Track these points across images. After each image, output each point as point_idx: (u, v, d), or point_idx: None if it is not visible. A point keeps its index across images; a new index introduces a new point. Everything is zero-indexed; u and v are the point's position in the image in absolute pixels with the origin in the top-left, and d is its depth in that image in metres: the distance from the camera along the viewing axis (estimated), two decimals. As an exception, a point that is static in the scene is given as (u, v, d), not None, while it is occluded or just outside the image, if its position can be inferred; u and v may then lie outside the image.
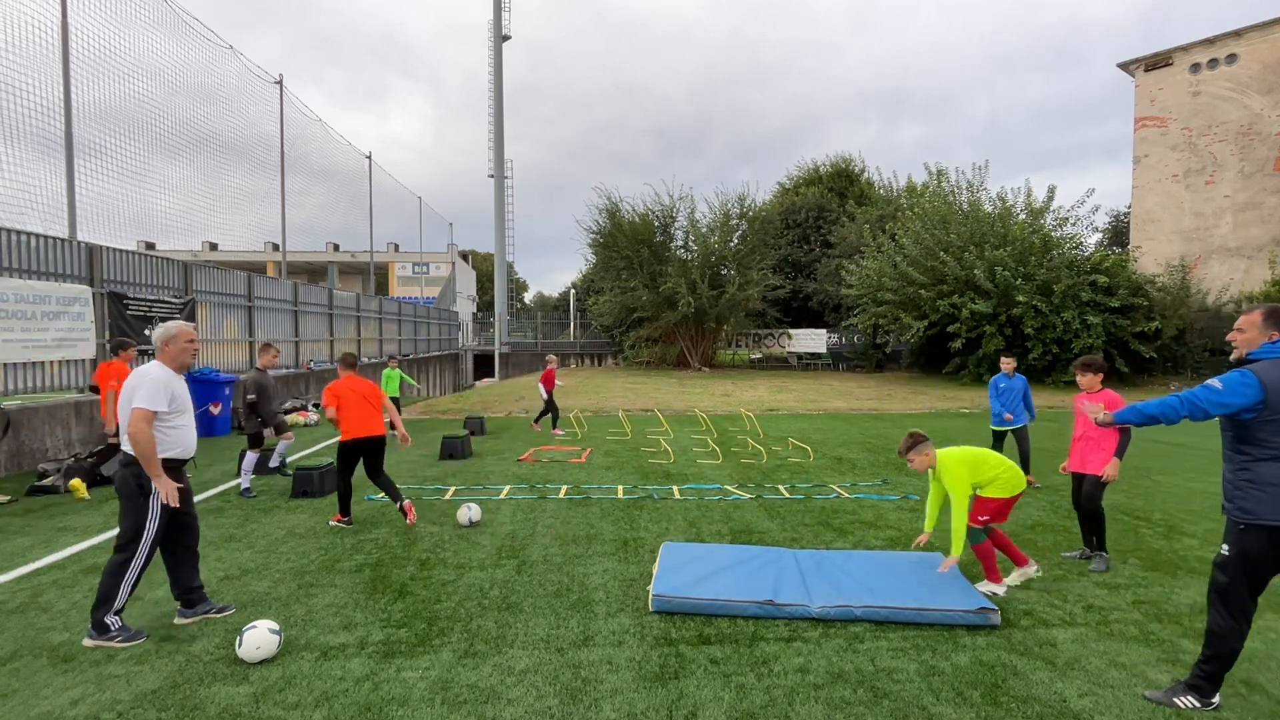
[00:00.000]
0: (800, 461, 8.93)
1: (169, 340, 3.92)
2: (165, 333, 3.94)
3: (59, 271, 9.27)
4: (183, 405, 3.89)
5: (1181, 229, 24.44)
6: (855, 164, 37.92)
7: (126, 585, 3.68)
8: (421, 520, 6.07)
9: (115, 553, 3.71)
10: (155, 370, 3.79)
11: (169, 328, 3.95)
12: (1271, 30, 22.47)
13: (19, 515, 6.24)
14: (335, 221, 23.43)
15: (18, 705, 3.04)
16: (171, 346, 3.91)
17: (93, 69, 10.18)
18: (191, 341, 4.01)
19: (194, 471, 7.98)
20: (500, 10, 34.91)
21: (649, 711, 2.98)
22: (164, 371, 3.82)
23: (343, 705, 3.02)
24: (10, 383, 8.53)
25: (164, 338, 3.93)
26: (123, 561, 3.67)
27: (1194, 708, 2.98)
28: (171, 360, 3.91)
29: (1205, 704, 2.99)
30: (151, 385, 3.71)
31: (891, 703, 3.05)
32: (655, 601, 4.04)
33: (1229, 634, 2.96)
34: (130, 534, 3.68)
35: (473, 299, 51.06)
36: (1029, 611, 4.05)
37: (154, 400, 3.68)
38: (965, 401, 16.79)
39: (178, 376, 3.92)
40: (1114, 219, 38.54)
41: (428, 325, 29.10)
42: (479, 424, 11.58)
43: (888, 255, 23.54)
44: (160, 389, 3.72)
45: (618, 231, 28.87)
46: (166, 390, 3.75)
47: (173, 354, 3.92)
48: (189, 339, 3.98)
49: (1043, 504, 6.65)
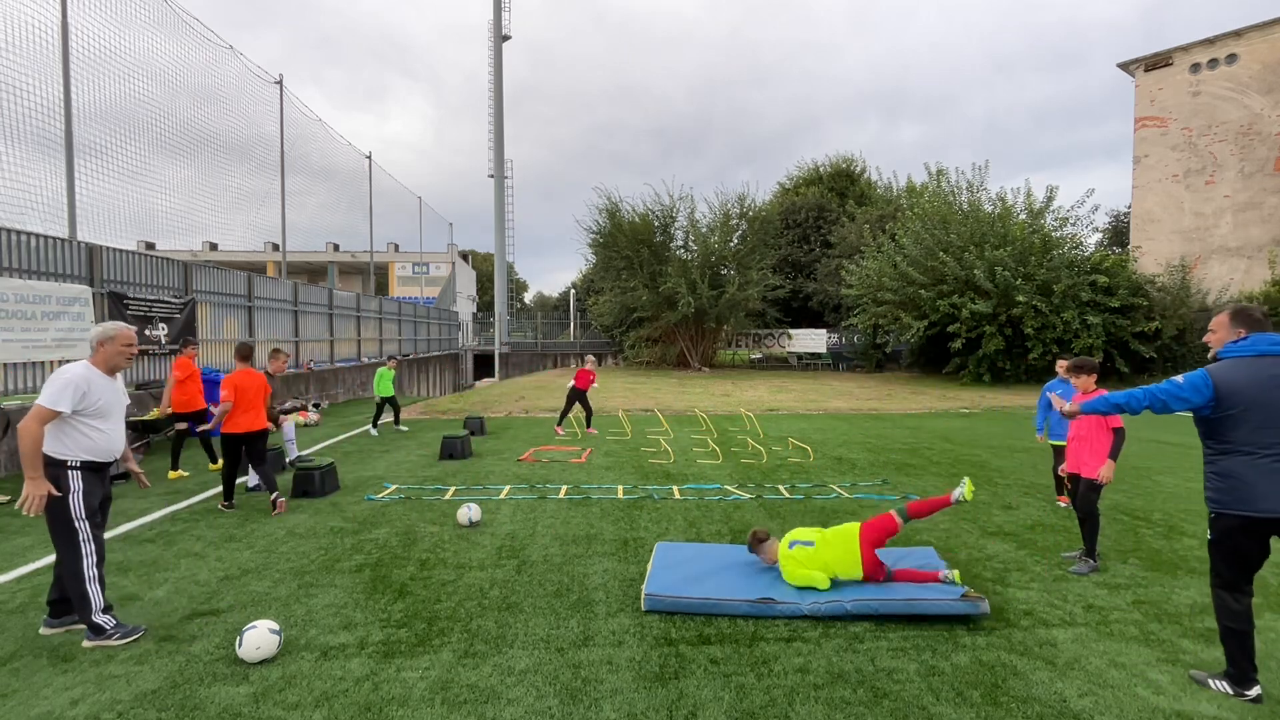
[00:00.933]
0: (800, 461, 8.93)
1: (105, 341, 3.75)
2: (103, 333, 3.76)
3: (59, 271, 9.27)
4: (105, 409, 3.69)
5: (1181, 229, 24.43)
6: (855, 164, 37.94)
7: (93, 584, 3.60)
8: (421, 520, 6.07)
9: (62, 565, 3.60)
10: (75, 371, 3.61)
11: (108, 328, 3.78)
12: (1271, 30, 22.46)
13: (19, 515, 6.23)
14: (335, 221, 23.45)
15: (18, 705, 3.04)
16: (107, 348, 3.75)
17: (93, 69, 10.18)
18: (129, 345, 3.83)
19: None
20: (500, 10, 34.92)
21: (649, 711, 2.98)
22: (87, 372, 3.65)
23: (343, 705, 3.02)
24: (10, 383, 8.53)
25: (100, 338, 3.75)
26: (75, 569, 3.57)
27: (1226, 693, 3.09)
28: (103, 362, 3.75)
29: (1238, 693, 3.07)
30: (59, 385, 3.52)
31: (891, 703, 3.05)
32: (647, 600, 4.05)
33: (1229, 615, 3.10)
34: (66, 543, 3.57)
35: (473, 299, 51.06)
36: (1029, 611, 4.05)
37: (57, 400, 3.49)
38: (965, 401, 16.79)
39: (107, 378, 3.75)
40: (1114, 219, 38.54)
41: (428, 325, 29.09)
42: (479, 424, 11.58)
43: (888, 255, 23.54)
44: (68, 390, 3.52)
45: (618, 231, 28.85)
46: (76, 391, 3.54)
47: (106, 355, 3.75)
48: (127, 342, 3.81)
49: (1043, 504, 6.65)
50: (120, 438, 3.85)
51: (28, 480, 3.48)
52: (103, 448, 3.71)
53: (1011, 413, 14.81)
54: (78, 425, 3.61)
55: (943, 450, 9.82)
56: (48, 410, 3.49)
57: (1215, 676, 3.18)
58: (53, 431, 3.57)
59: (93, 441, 3.65)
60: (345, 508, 6.51)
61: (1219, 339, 3.24)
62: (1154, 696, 3.10)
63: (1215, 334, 3.28)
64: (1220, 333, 3.24)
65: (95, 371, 3.71)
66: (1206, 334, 3.37)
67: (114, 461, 3.87)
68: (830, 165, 38.08)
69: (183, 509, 6.49)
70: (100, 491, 3.75)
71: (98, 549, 3.66)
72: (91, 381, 3.64)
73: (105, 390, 3.72)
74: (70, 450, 3.60)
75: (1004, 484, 7.58)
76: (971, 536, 5.58)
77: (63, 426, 3.59)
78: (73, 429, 3.60)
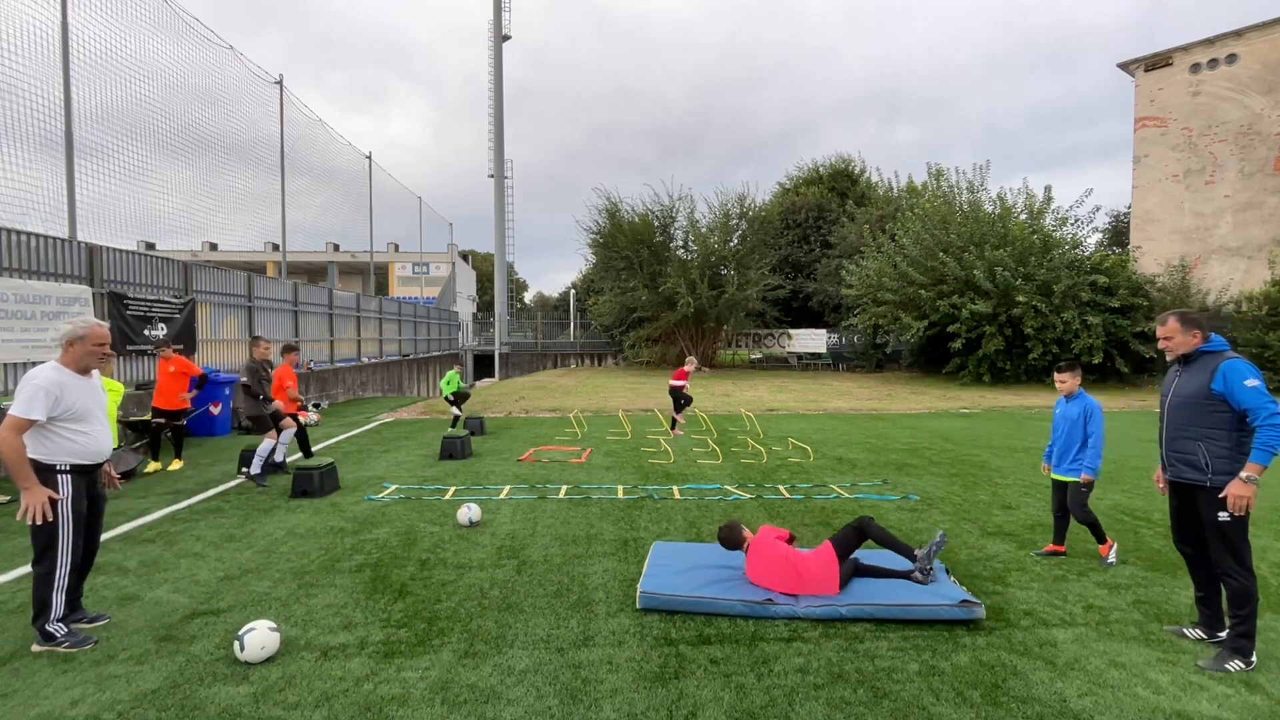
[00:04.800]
0: (800, 461, 8.93)
1: (75, 340, 3.53)
2: (73, 331, 3.54)
3: (59, 271, 9.27)
4: (81, 412, 3.52)
5: (1181, 229, 24.42)
6: (855, 164, 37.92)
7: (59, 593, 3.53)
8: (421, 520, 6.07)
9: (36, 564, 3.53)
10: (43, 375, 3.43)
11: (79, 326, 3.57)
12: (1271, 30, 22.45)
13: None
14: (335, 222, 23.42)
15: (18, 705, 3.04)
16: (77, 347, 3.54)
17: (93, 70, 10.19)
18: (101, 345, 3.62)
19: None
20: (500, 10, 34.92)
21: (649, 711, 2.98)
22: (57, 375, 3.46)
23: (343, 705, 3.02)
24: (10, 382, 8.53)
25: (70, 336, 3.53)
26: (46, 572, 3.51)
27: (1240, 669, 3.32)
28: (73, 362, 3.55)
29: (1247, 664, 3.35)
30: (30, 392, 3.36)
31: (891, 703, 3.05)
32: (642, 599, 4.05)
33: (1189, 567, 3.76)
34: (45, 544, 3.50)
35: (473, 299, 51.05)
36: (1029, 611, 4.05)
37: (29, 409, 3.35)
38: (965, 401, 16.78)
39: (80, 379, 3.57)
40: (1114, 219, 38.54)
41: (428, 325, 29.09)
42: (479, 424, 11.58)
43: (888, 255, 23.52)
44: (40, 396, 3.36)
45: (617, 232, 28.83)
46: (49, 398, 3.38)
47: (76, 355, 3.55)
48: (99, 341, 3.60)
49: (1043, 504, 6.65)
50: (105, 438, 3.73)
51: (23, 491, 3.40)
52: (89, 450, 3.62)
53: (1011, 413, 14.80)
54: (58, 430, 3.50)
55: (943, 450, 9.82)
56: (22, 420, 3.36)
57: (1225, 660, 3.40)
58: (35, 437, 3.47)
59: (78, 445, 3.56)
60: (345, 508, 6.51)
61: (1177, 344, 3.57)
62: (1154, 696, 3.10)
63: (1173, 339, 3.58)
64: (1176, 338, 3.57)
65: (66, 373, 3.52)
66: (1160, 341, 3.66)
67: (103, 462, 3.80)
68: (830, 165, 38.08)
69: (182, 509, 6.49)
70: (87, 495, 3.69)
71: (73, 557, 3.59)
72: (63, 385, 3.47)
73: (80, 392, 3.56)
74: (56, 455, 3.52)
75: (1004, 484, 7.57)
76: (971, 536, 5.58)
77: (44, 431, 3.48)
78: (54, 434, 3.50)
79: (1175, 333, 3.57)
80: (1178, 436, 3.55)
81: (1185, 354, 3.58)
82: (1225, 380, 3.35)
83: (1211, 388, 3.39)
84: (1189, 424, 3.49)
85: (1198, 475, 3.46)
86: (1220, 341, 3.53)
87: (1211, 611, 3.65)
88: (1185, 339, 3.55)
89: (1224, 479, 3.36)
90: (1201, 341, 3.53)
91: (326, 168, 20.98)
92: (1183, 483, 3.56)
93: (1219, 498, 3.36)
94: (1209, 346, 3.52)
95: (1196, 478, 3.47)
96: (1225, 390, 3.35)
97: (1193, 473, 3.48)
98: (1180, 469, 3.54)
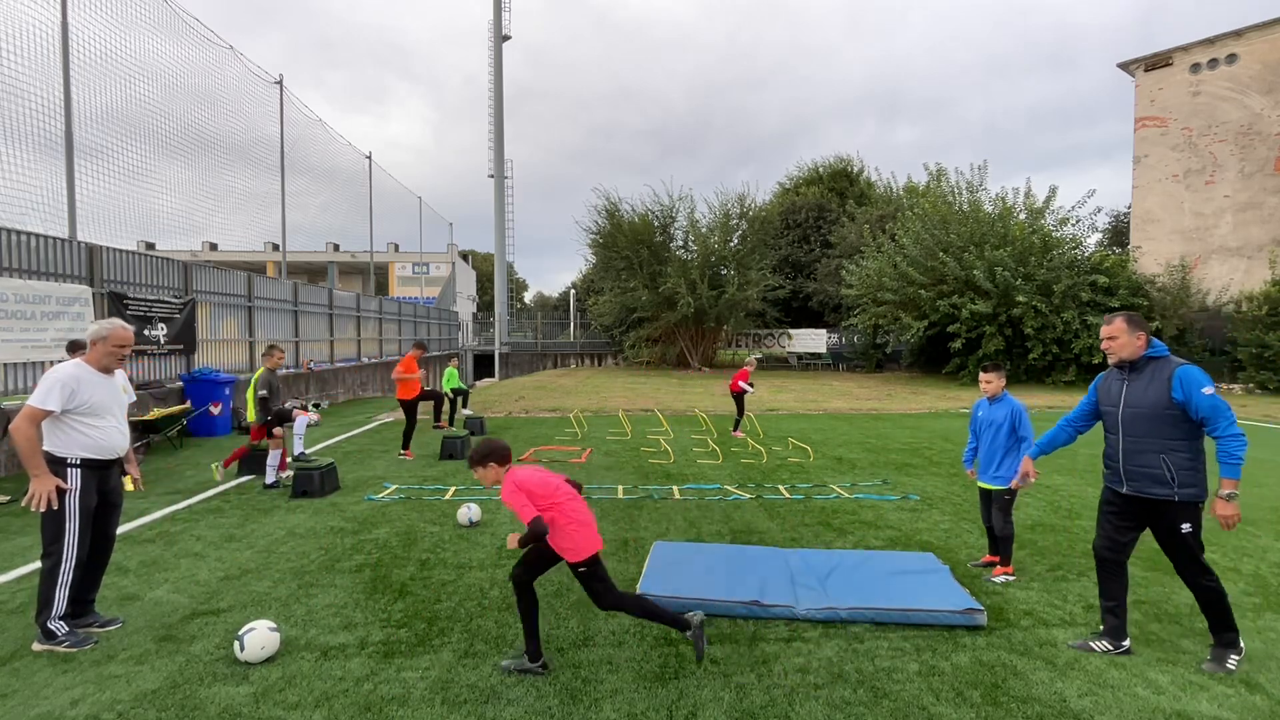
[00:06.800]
0: (800, 461, 8.93)
1: (98, 339, 3.76)
2: (97, 331, 3.77)
3: (59, 271, 9.27)
4: (97, 407, 3.69)
5: (1181, 229, 24.41)
6: (855, 164, 37.93)
7: (62, 589, 3.58)
8: (421, 520, 6.07)
9: (43, 559, 3.61)
10: (64, 369, 3.64)
11: (103, 326, 3.78)
12: (1271, 30, 22.45)
13: (19, 515, 6.24)
14: (335, 222, 23.39)
15: (18, 705, 3.04)
16: (100, 346, 3.76)
17: (93, 70, 10.18)
18: (121, 346, 3.82)
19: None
20: (500, 10, 34.92)
21: (649, 711, 2.98)
22: (78, 370, 3.66)
23: (343, 705, 3.02)
24: (10, 383, 8.53)
25: (95, 336, 3.77)
26: (52, 566, 3.58)
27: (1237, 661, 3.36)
28: (95, 360, 3.76)
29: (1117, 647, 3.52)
30: (48, 384, 3.55)
31: (891, 703, 3.05)
32: None
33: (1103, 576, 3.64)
34: (52, 536, 3.58)
35: (473, 299, 51.04)
36: (1029, 611, 4.05)
37: (45, 399, 3.53)
38: (965, 401, 16.77)
39: (101, 375, 3.76)
40: (1114, 219, 38.53)
41: (428, 325, 29.07)
42: (479, 424, 11.58)
43: (888, 255, 23.52)
44: (56, 389, 3.55)
45: (617, 232, 28.83)
46: (65, 390, 3.56)
47: (98, 354, 3.76)
48: (119, 343, 3.80)
49: (1042, 504, 6.65)
50: (121, 435, 3.85)
51: (32, 478, 3.50)
52: (102, 445, 3.73)
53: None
54: (72, 423, 3.63)
55: (943, 450, 9.82)
56: (37, 409, 3.53)
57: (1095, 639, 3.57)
58: (50, 429, 3.61)
59: (90, 439, 3.67)
60: (345, 508, 6.51)
61: (1121, 345, 3.47)
62: (1154, 696, 3.10)
63: (1117, 340, 3.48)
64: (1121, 339, 3.47)
65: (87, 369, 3.71)
66: (1104, 342, 3.56)
67: (117, 459, 3.87)
68: (830, 165, 38.07)
69: (182, 509, 6.49)
70: (98, 491, 3.75)
71: (79, 553, 3.64)
72: (81, 380, 3.64)
73: (97, 388, 3.71)
74: (68, 448, 3.63)
75: (1004, 484, 7.56)
76: (971, 536, 5.58)
77: (58, 424, 3.62)
78: (69, 427, 3.62)
79: (1121, 333, 3.46)
80: (1139, 450, 3.39)
81: (1131, 360, 3.46)
82: (1184, 387, 3.26)
83: (1172, 396, 3.28)
84: (1150, 436, 3.36)
85: (1163, 490, 3.32)
86: (1162, 347, 3.45)
87: (1119, 621, 3.55)
88: (1130, 341, 3.44)
89: (1189, 490, 3.29)
90: (1146, 346, 3.44)
91: (326, 168, 20.98)
92: (1145, 498, 3.39)
93: (1189, 510, 3.31)
94: (1153, 352, 3.45)
95: (1163, 493, 3.33)
96: (1184, 398, 3.25)
97: (1158, 488, 3.34)
98: (1143, 484, 3.38)
